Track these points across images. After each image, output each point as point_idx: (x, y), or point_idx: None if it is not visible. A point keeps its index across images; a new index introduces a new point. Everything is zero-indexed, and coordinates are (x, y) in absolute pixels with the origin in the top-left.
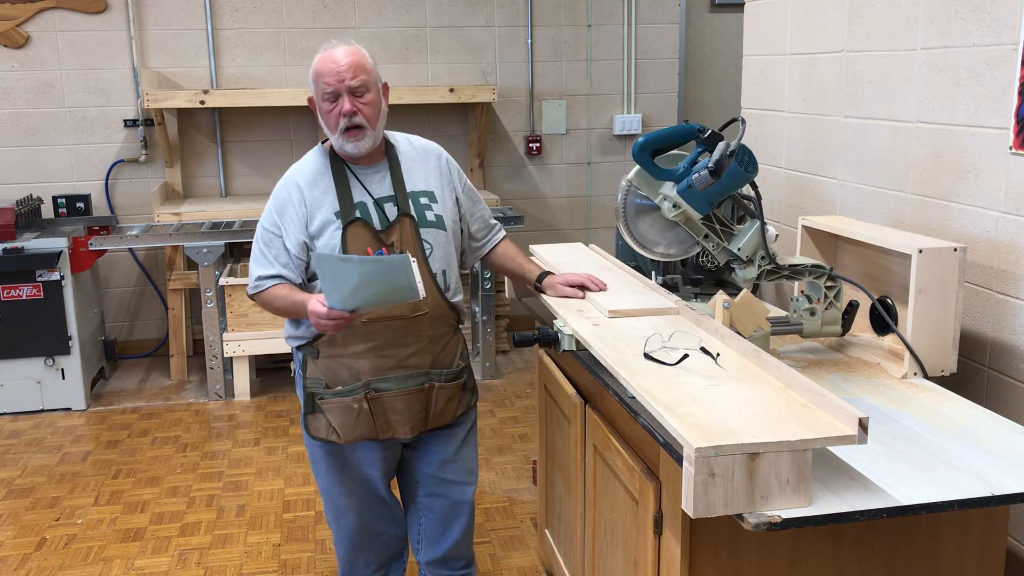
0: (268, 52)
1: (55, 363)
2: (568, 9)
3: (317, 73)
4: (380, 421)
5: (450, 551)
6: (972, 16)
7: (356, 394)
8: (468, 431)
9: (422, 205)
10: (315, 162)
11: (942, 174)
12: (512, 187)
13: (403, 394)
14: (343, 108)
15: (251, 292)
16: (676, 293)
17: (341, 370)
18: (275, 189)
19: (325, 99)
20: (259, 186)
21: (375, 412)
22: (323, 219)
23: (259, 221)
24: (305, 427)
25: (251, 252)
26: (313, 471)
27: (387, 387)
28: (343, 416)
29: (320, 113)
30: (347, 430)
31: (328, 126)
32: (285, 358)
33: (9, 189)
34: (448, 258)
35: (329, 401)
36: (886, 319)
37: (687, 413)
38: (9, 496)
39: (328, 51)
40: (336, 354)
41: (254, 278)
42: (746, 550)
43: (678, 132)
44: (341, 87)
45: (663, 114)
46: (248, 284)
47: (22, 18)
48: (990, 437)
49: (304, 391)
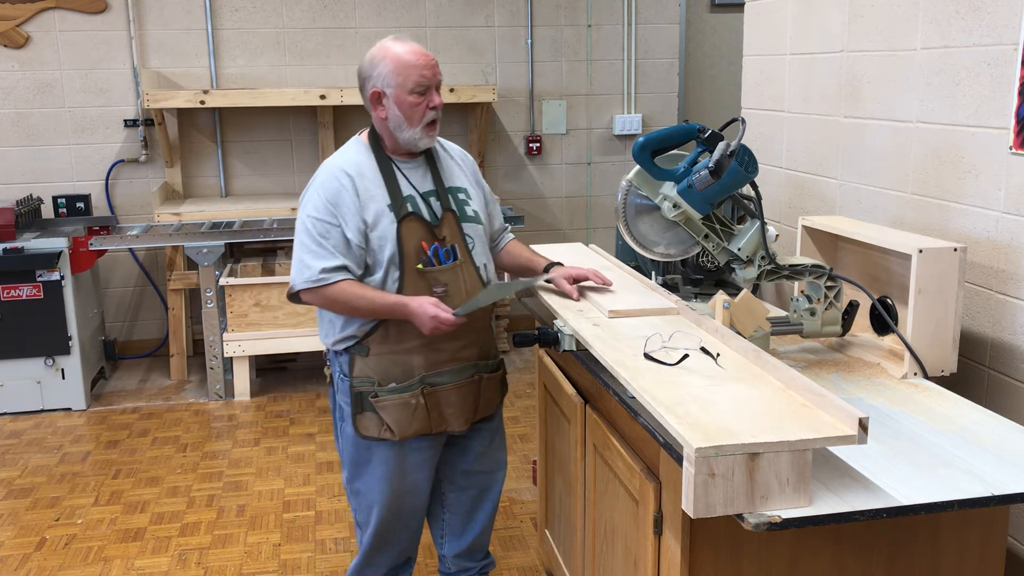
0: (268, 52)
1: (55, 363)
2: (568, 9)
3: (408, 65)
4: (435, 416)
5: (475, 542)
6: (972, 16)
7: (413, 389)
8: (500, 422)
9: (460, 200)
10: (359, 152)
11: (942, 174)
12: (512, 187)
13: (457, 387)
14: (434, 101)
15: (312, 285)
16: (676, 293)
17: (393, 367)
18: (319, 180)
19: (414, 91)
20: (259, 186)
21: (430, 407)
22: (376, 210)
23: (303, 214)
24: (354, 427)
25: (299, 246)
26: (350, 473)
27: (442, 381)
28: (400, 412)
29: (400, 105)
30: (403, 426)
31: (409, 119)
32: (285, 358)
33: (9, 189)
34: (486, 252)
35: (385, 398)
36: (886, 319)
37: (687, 413)
38: (9, 496)
39: (407, 44)
40: (389, 351)
41: (316, 271)
42: (746, 550)
43: (678, 132)
44: (433, 80)
45: (663, 114)
46: (300, 278)
47: (22, 18)
48: (990, 437)
49: (352, 391)
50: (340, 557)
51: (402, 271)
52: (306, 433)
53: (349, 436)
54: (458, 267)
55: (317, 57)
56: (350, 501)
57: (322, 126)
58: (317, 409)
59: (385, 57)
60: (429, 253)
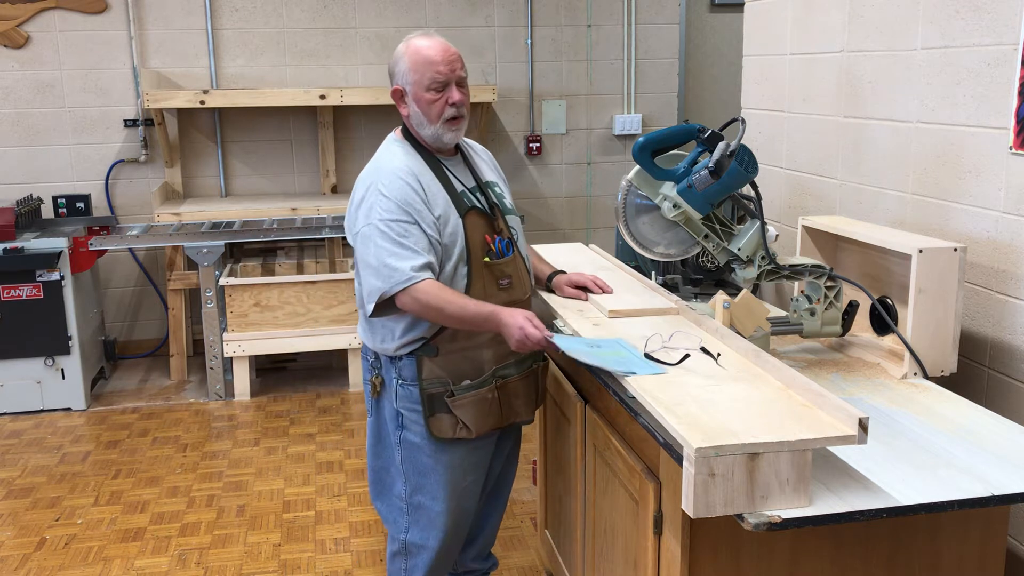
0: (268, 52)
1: (55, 363)
2: (568, 9)
3: (426, 61)
4: (506, 408)
5: (487, 541)
6: (972, 16)
7: (488, 384)
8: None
9: (498, 194)
10: (406, 154)
11: (942, 174)
12: (512, 187)
13: (522, 377)
14: (453, 98)
15: (405, 286)
16: (676, 293)
17: (464, 363)
18: (380, 185)
19: (432, 88)
20: (259, 186)
21: (502, 399)
22: (442, 208)
23: (373, 219)
24: (428, 430)
25: (378, 251)
26: (414, 486)
27: (510, 373)
28: (477, 409)
29: (419, 102)
30: (479, 423)
31: (428, 115)
32: (285, 358)
33: (9, 189)
34: (525, 244)
35: (462, 397)
36: (886, 319)
37: (687, 413)
38: (9, 496)
39: (428, 40)
40: (460, 348)
41: (406, 271)
42: (746, 550)
43: (678, 132)
44: (453, 76)
45: (663, 114)
46: (389, 283)
47: (22, 18)
48: (990, 437)
49: (423, 393)
50: (340, 557)
51: (469, 266)
52: (306, 433)
53: (414, 444)
54: (515, 259)
55: (317, 57)
56: (398, 521)
57: (322, 126)
58: (317, 409)
59: (405, 54)
60: (493, 245)
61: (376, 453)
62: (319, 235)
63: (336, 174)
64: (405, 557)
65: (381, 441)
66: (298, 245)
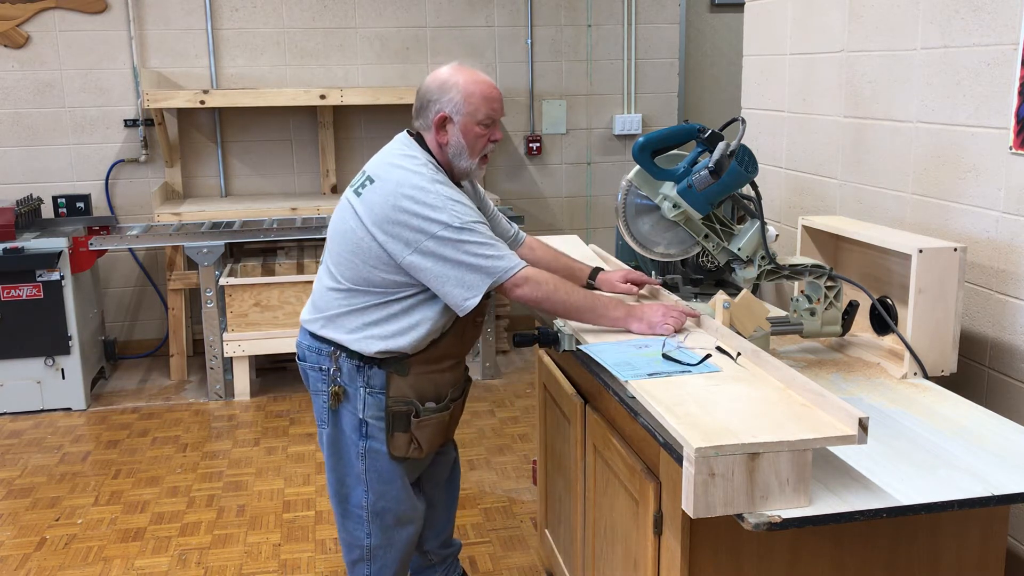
0: (268, 52)
1: (55, 363)
2: (568, 9)
3: (484, 96)
4: (451, 428)
5: (451, 525)
6: (972, 16)
7: (448, 408)
8: None
9: None
10: (437, 169)
11: (942, 174)
12: (512, 187)
13: (462, 398)
14: (496, 136)
15: (512, 275)
16: (676, 293)
17: (428, 385)
18: (426, 194)
19: (483, 123)
20: (259, 186)
21: (450, 421)
22: None
23: (447, 223)
24: (388, 448)
25: (469, 247)
26: (374, 491)
27: (456, 395)
28: (434, 430)
29: (466, 135)
30: (431, 443)
31: (472, 149)
32: (285, 358)
33: (9, 189)
34: None
35: (427, 418)
36: (886, 319)
37: (687, 413)
38: (9, 496)
39: (479, 75)
40: (429, 370)
41: (511, 258)
42: (746, 550)
43: (678, 132)
44: (500, 115)
45: (663, 114)
46: (501, 266)
47: (22, 18)
48: (990, 437)
49: (388, 411)
50: (340, 557)
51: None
52: (306, 433)
53: (379, 452)
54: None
55: (317, 57)
56: (357, 530)
57: (322, 126)
58: None
59: (458, 84)
60: None
61: (333, 466)
62: (319, 235)
63: (336, 174)
64: (369, 563)
65: (338, 452)
66: (298, 245)
